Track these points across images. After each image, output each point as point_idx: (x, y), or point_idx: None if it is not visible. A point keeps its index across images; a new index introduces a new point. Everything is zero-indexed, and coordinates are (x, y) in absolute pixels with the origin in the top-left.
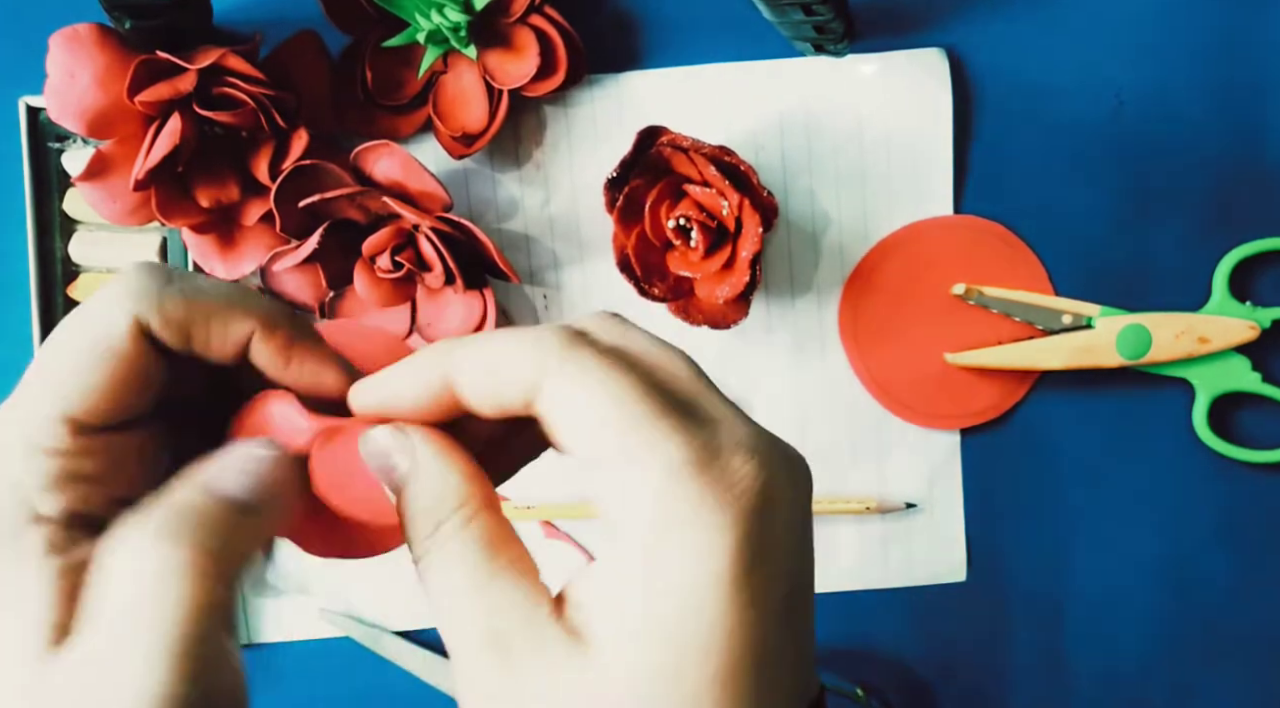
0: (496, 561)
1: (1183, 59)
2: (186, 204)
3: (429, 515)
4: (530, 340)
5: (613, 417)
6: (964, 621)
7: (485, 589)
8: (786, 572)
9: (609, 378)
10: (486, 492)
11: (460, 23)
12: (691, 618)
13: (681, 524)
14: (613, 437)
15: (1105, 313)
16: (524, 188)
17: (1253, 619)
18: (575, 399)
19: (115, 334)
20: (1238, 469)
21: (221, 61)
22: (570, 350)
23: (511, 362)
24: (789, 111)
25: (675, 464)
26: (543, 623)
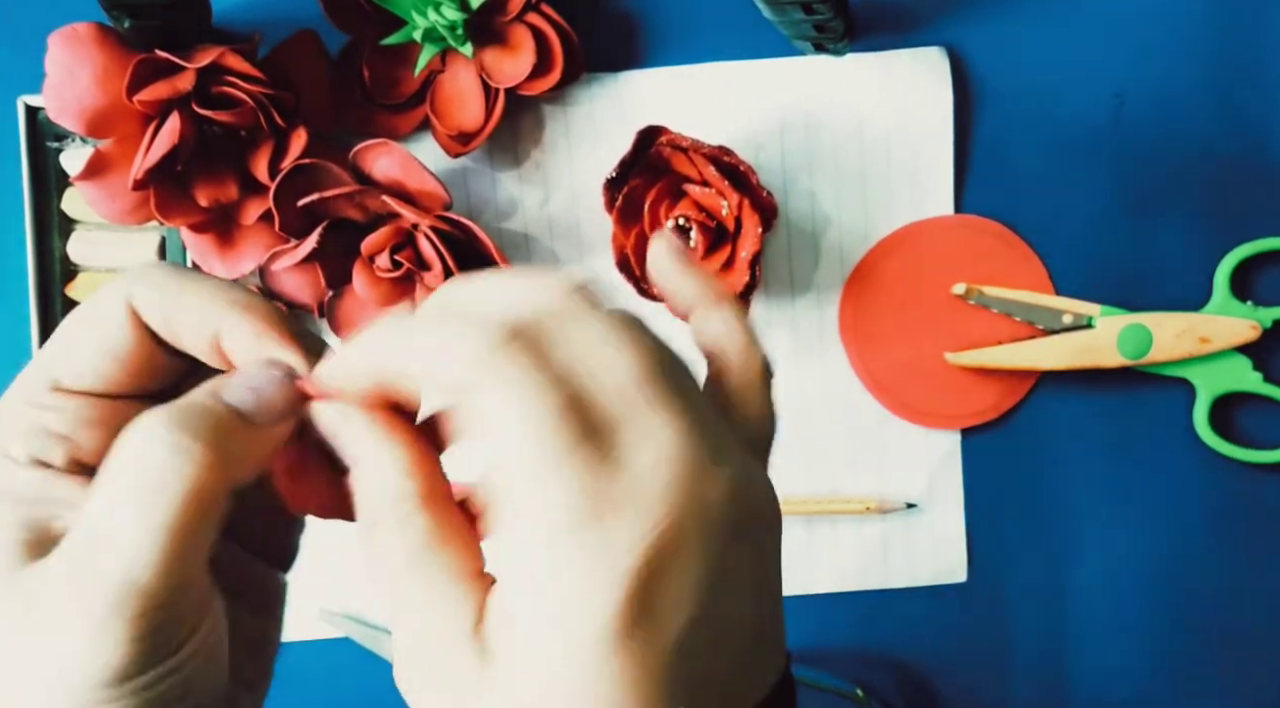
0: (430, 565)
1: (1183, 59)
2: (185, 203)
3: (367, 507)
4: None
5: (519, 446)
6: (964, 621)
7: (414, 591)
8: (690, 616)
9: (525, 400)
10: (431, 484)
11: (456, 21)
12: (578, 666)
13: (560, 581)
14: (512, 472)
15: (1106, 312)
16: (523, 187)
17: (1253, 619)
18: (488, 417)
19: (106, 311)
20: (1238, 469)
21: (220, 61)
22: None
23: (437, 365)
24: (789, 111)
25: (558, 523)
26: (458, 635)
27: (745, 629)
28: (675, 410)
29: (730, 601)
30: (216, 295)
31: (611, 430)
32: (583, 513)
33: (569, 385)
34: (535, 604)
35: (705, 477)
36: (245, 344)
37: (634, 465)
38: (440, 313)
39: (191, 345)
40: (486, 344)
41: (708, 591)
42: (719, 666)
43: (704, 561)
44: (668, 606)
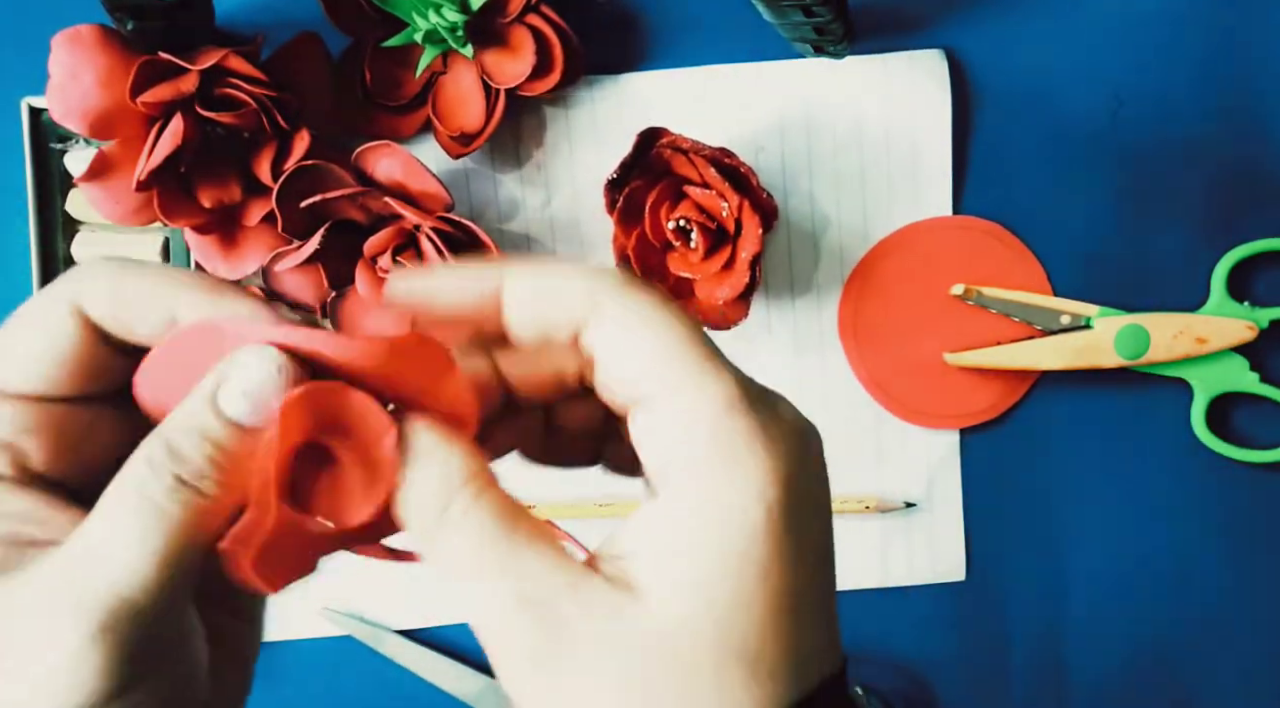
0: (518, 530)
1: (1182, 59)
2: (188, 205)
3: (434, 499)
4: (587, 273)
5: (667, 353)
6: (963, 620)
7: (513, 559)
8: (820, 528)
9: (664, 317)
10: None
11: (457, 22)
12: (745, 554)
13: (736, 458)
14: (666, 371)
15: (1104, 313)
16: (525, 188)
17: (1252, 619)
18: (630, 333)
19: (49, 310)
20: (1236, 469)
21: (223, 62)
22: (627, 287)
23: (566, 288)
24: (789, 113)
25: (730, 399)
26: (583, 580)
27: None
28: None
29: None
30: (163, 276)
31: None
32: (747, 395)
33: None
34: (696, 499)
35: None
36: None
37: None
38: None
39: (147, 331)
40: (613, 278)
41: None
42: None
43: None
44: (816, 495)
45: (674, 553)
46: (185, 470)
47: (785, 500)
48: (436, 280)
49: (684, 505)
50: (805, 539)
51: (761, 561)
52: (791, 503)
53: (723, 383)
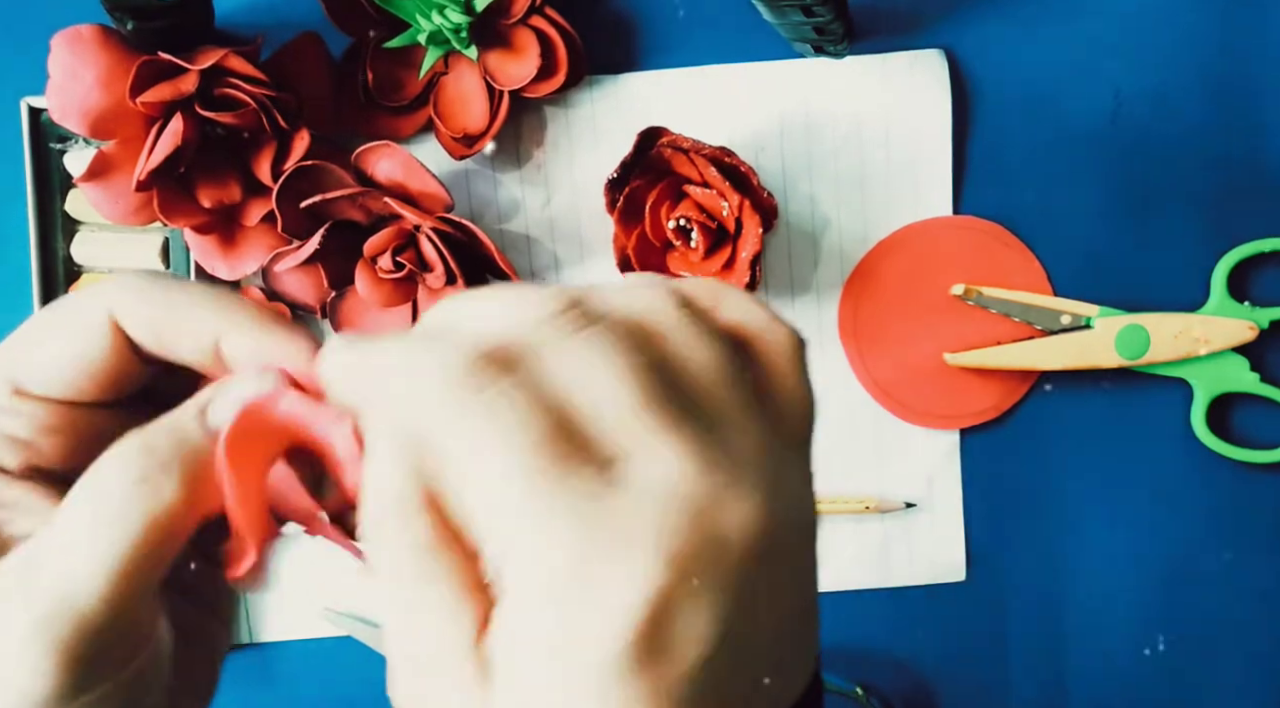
0: (432, 569)
1: (1182, 59)
2: (188, 205)
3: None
4: (418, 368)
5: (496, 495)
6: (964, 621)
7: (412, 602)
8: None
9: (497, 438)
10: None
11: (461, 24)
12: (579, 701)
13: (562, 622)
14: (495, 519)
15: (1104, 313)
16: (525, 188)
17: (1252, 619)
18: (462, 461)
19: (84, 320)
20: (1236, 469)
21: (223, 62)
22: (458, 394)
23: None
24: (789, 113)
25: (553, 571)
26: (458, 652)
27: (770, 646)
28: (683, 436)
29: (756, 620)
30: (211, 300)
31: (610, 461)
32: (579, 558)
33: (555, 414)
34: (538, 634)
35: (721, 507)
36: (249, 342)
37: (636, 499)
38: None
39: (187, 353)
40: (451, 373)
41: (724, 621)
42: (741, 684)
43: (721, 594)
44: (680, 640)
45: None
46: (153, 463)
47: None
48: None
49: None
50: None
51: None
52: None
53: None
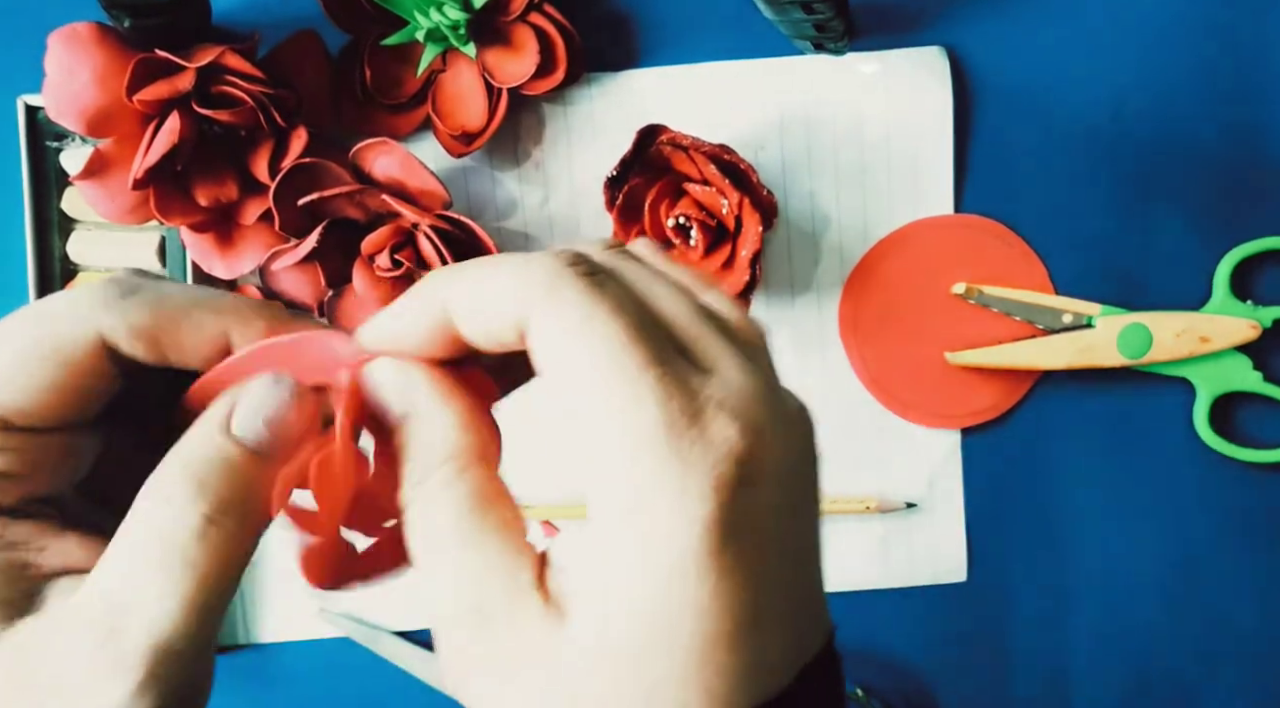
0: (484, 520)
1: (1184, 57)
2: (185, 203)
3: (420, 462)
4: (515, 272)
5: (593, 364)
6: (964, 621)
7: (467, 551)
8: (776, 537)
9: (594, 318)
10: (484, 444)
11: (459, 21)
12: (664, 593)
13: (655, 493)
14: (591, 387)
15: (1106, 312)
16: (523, 186)
17: (1254, 618)
18: (557, 339)
19: (70, 343)
20: (1238, 469)
21: (220, 60)
22: (556, 283)
23: (497, 295)
24: (789, 110)
25: (652, 428)
26: (522, 592)
27: (815, 566)
28: (741, 341)
29: (807, 527)
30: (206, 301)
31: (684, 350)
32: (670, 420)
33: (635, 306)
34: (620, 529)
35: (782, 393)
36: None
37: (715, 377)
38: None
39: (187, 358)
40: (541, 274)
41: (791, 511)
42: (796, 597)
43: (791, 473)
44: (758, 521)
45: (596, 586)
46: (208, 505)
47: (706, 542)
48: (393, 325)
49: (606, 540)
50: (739, 570)
51: (676, 609)
52: (714, 543)
53: (648, 405)
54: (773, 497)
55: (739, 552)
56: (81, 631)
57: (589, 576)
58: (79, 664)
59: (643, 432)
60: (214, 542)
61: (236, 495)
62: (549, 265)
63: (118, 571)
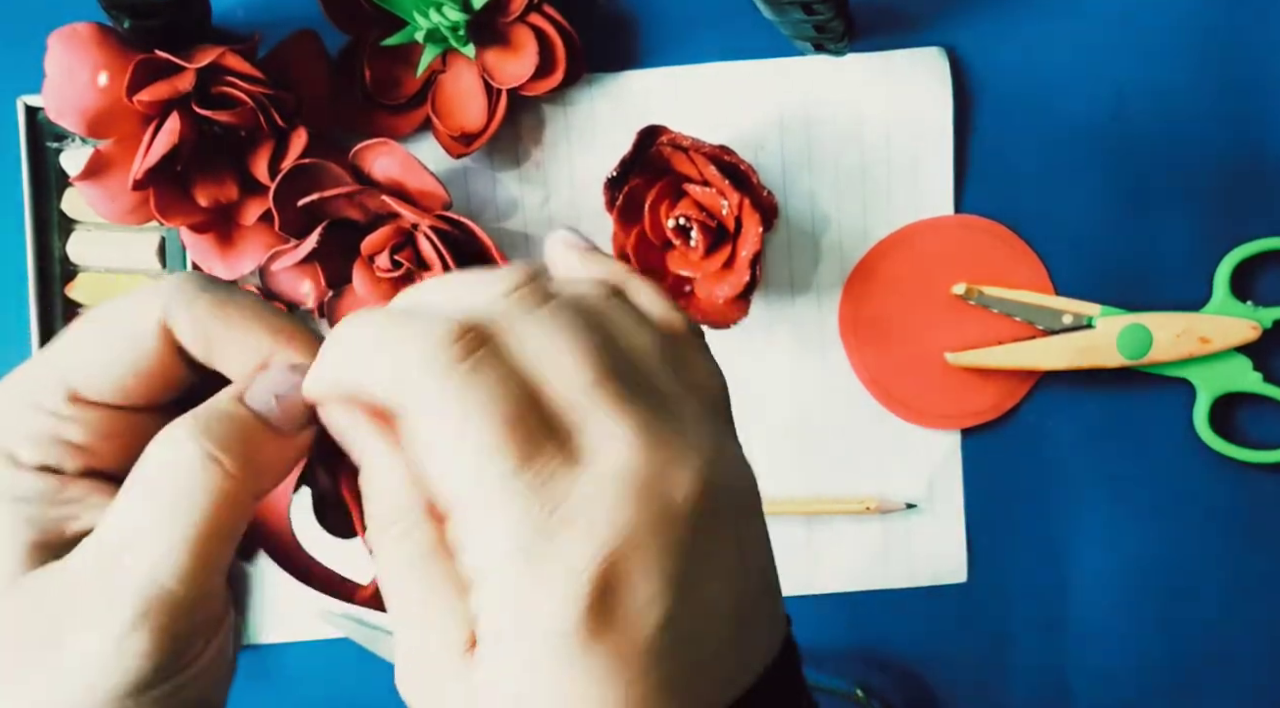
0: (431, 576)
1: (1183, 58)
2: (185, 203)
3: (374, 514)
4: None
5: (460, 470)
6: (964, 621)
7: (411, 606)
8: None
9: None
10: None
11: (459, 21)
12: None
13: (520, 595)
14: (458, 495)
15: (1106, 313)
16: (523, 187)
17: (1253, 619)
18: (427, 438)
19: (137, 323)
20: (1239, 469)
21: (220, 61)
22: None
23: (374, 374)
24: (789, 111)
25: (512, 542)
26: (452, 651)
27: (730, 610)
28: (633, 409)
29: (710, 586)
30: (265, 319)
31: (566, 435)
32: (533, 533)
33: (516, 391)
34: (502, 616)
35: (668, 476)
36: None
37: (587, 474)
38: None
39: (233, 366)
40: (421, 350)
41: (679, 587)
42: (705, 650)
43: (671, 560)
44: (634, 609)
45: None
46: (211, 443)
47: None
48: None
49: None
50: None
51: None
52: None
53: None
54: (654, 580)
55: (616, 640)
56: (87, 569)
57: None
58: (80, 603)
59: (509, 540)
60: (214, 478)
61: (237, 442)
62: (425, 345)
63: (123, 508)
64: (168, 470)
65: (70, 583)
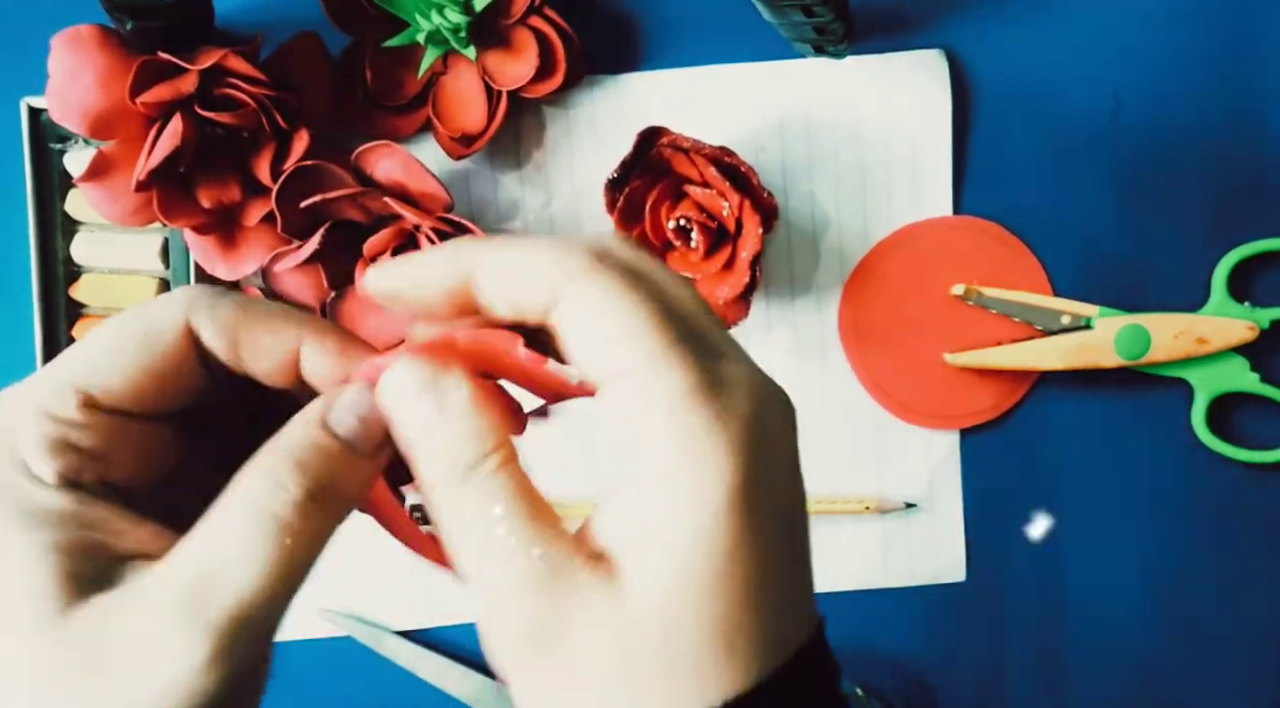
0: (524, 511)
1: (1182, 59)
2: (188, 205)
3: (458, 459)
4: (556, 252)
5: (628, 339)
6: (964, 621)
7: (527, 533)
8: (785, 502)
9: (628, 301)
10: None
11: (460, 24)
12: (711, 540)
13: (689, 449)
14: (626, 359)
15: (1104, 313)
16: (524, 189)
17: (1251, 619)
18: (594, 317)
19: (159, 327)
20: (1236, 469)
21: (223, 62)
22: (595, 267)
23: (535, 269)
24: (789, 113)
25: (683, 391)
26: (576, 565)
27: (807, 546)
28: (729, 336)
29: (800, 505)
30: (289, 315)
31: (699, 337)
32: (701, 386)
33: (659, 295)
34: (661, 487)
35: (772, 384)
36: (329, 362)
37: (726, 359)
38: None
39: (260, 365)
40: (581, 258)
41: (795, 477)
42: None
43: (791, 446)
44: (775, 473)
45: (646, 541)
46: (309, 480)
47: (744, 483)
48: (408, 272)
49: (650, 495)
50: (770, 514)
51: (727, 544)
52: (744, 495)
53: (677, 374)
54: (781, 461)
55: (767, 498)
56: (160, 599)
57: (635, 533)
58: (150, 635)
59: (676, 397)
60: (310, 518)
61: (331, 479)
62: (584, 249)
63: (212, 537)
64: (264, 505)
65: (135, 614)
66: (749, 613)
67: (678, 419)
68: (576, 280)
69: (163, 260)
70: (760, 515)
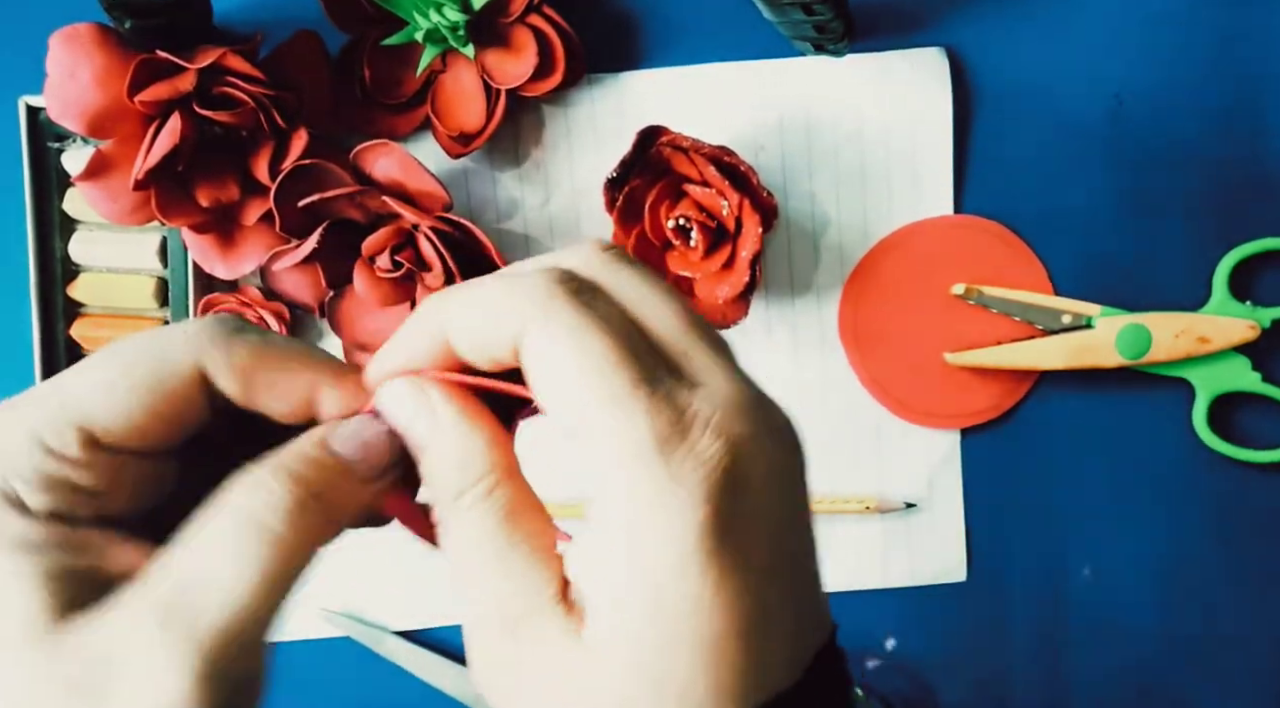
0: (514, 535)
1: (1182, 59)
2: (186, 204)
3: (450, 482)
4: (514, 295)
5: (587, 380)
6: (964, 621)
7: (498, 566)
8: (769, 535)
9: (585, 339)
10: (509, 459)
11: (459, 22)
12: (670, 595)
13: (650, 504)
14: (584, 407)
15: (1105, 313)
16: (524, 187)
17: (1252, 619)
18: (550, 361)
19: (169, 370)
20: (1237, 469)
21: (221, 61)
22: (548, 302)
23: (496, 317)
24: (789, 111)
25: (642, 445)
26: (545, 603)
27: (812, 566)
28: (724, 352)
29: (801, 528)
30: (308, 361)
31: (674, 364)
32: (659, 437)
33: (624, 324)
34: (621, 540)
35: (768, 403)
36: (346, 403)
37: (703, 391)
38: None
39: (277, 409)
40: (537, 294)
41: (783, 514)
42: (796, 596)
43: (780, 479)
44: (751, 524)
45: (610, 588)
46: (299, 488)
47: (703, 545)
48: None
49: (610, 549)
50: (738, 569)
51: (685, 605)
52: (711, 545)
53: (637, 422)
54: (763, 502)
55: (736, 552)
56: (145, 614)
57: (598, 583)
58: (138, 652)
59: (635, 449)
60: (299, 527)
61: (326, 490)
62: (540, 284)
63: (196, 547)
64: (251, 514)
65: (120, 630)
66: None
67: (635, 474)
68: (534, 321)
69: (161, 259)
70: (732, 563)
